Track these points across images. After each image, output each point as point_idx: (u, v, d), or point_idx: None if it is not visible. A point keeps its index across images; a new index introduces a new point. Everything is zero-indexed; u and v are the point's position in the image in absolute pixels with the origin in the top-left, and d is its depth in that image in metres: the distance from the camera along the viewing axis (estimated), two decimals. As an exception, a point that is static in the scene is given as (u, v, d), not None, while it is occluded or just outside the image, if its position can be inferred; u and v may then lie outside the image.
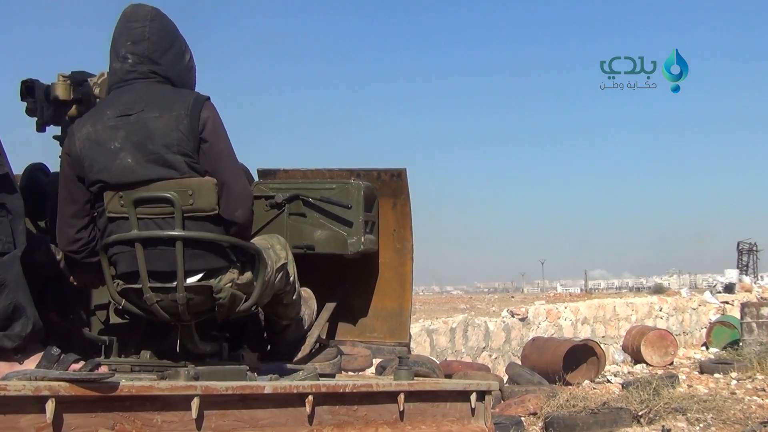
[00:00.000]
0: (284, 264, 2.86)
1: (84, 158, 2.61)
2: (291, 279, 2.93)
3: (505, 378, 10.63)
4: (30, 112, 3.15)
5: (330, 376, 3.19)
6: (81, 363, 2.18)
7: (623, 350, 13.75)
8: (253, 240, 2.79)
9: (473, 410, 3.29)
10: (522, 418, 7.68)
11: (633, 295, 20.68)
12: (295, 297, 3.01)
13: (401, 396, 2.93)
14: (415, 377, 3.21)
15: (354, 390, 2.76)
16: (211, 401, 2.30)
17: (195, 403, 2.24)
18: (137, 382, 2.21)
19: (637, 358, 13.21)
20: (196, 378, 2.38)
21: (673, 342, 13.27)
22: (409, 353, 3.81)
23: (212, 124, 2.62)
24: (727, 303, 17.41)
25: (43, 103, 3.11)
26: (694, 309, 16.70)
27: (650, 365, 12.84)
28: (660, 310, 15.90)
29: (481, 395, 3.33)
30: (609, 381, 11.19)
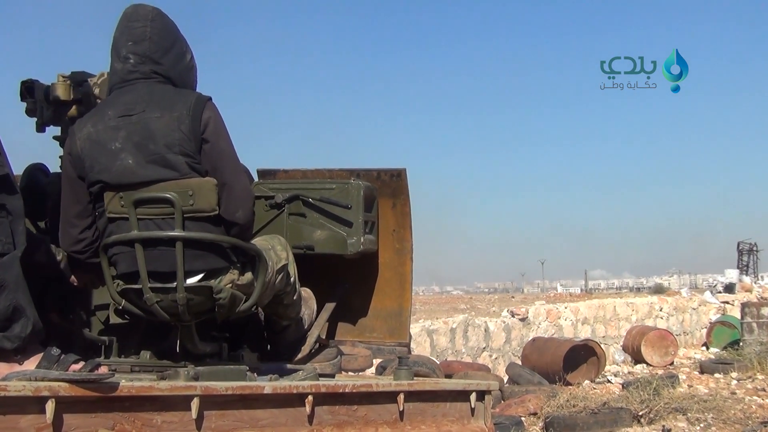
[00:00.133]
0: (285, 265, 2.86)
1: (85, 158, 2.61)
2: (291, 280, 2.93)
3: (506, 378, 10.64)
4: (30, 113, 3.14)
5: (330, 376, 3.19)
6: (81, 363, 2.18)
7: (623, 350, 13.76)
8: (254, 240, 2.79)
9: (473, 410, 3.29)
10: (522, 418, 7.69)
11: (633, 295, 20.70)
12: (296, 297, 3.01)
13: (401, 396, 2.93)
14: (415, 377, 3.21)
15: (354, 390, 2.76)
16: (211, 401, 2.29)
17: (195, 404, 2.24)
18: (137, 383, 2.21)
19: (638, 358, 13.22)
20: (196, 378, 2.39)
21: (674, 342, 13.28)
22: (409, 353, 3.82)
23: (214, 125, 2.62)
24: (728, 303, 17.41)
25: (43, 104, 3.11)
26: (695, 309, 16.70)
27: (650, 365, 12.85)
28: (660, 310, 15.90)
29: (481, 395, 3.33)
30: (609, 381, 11.19)
